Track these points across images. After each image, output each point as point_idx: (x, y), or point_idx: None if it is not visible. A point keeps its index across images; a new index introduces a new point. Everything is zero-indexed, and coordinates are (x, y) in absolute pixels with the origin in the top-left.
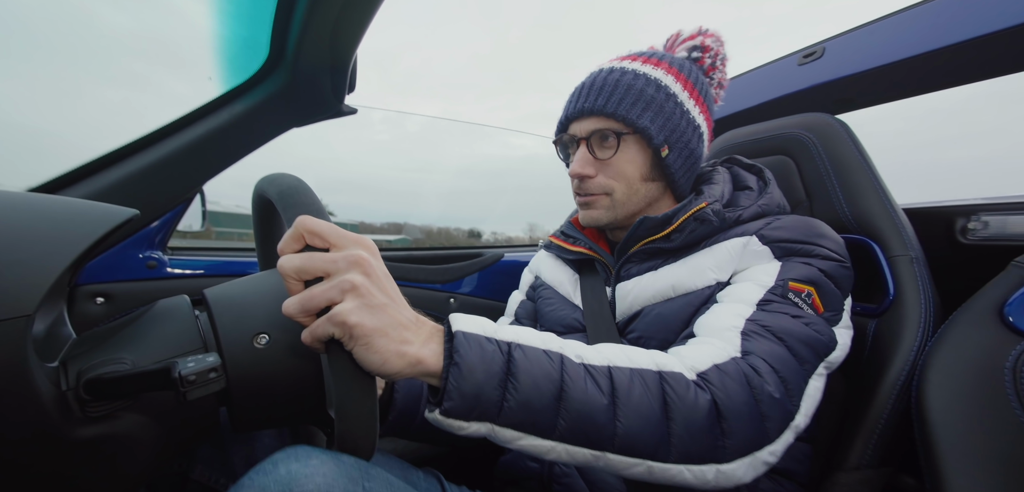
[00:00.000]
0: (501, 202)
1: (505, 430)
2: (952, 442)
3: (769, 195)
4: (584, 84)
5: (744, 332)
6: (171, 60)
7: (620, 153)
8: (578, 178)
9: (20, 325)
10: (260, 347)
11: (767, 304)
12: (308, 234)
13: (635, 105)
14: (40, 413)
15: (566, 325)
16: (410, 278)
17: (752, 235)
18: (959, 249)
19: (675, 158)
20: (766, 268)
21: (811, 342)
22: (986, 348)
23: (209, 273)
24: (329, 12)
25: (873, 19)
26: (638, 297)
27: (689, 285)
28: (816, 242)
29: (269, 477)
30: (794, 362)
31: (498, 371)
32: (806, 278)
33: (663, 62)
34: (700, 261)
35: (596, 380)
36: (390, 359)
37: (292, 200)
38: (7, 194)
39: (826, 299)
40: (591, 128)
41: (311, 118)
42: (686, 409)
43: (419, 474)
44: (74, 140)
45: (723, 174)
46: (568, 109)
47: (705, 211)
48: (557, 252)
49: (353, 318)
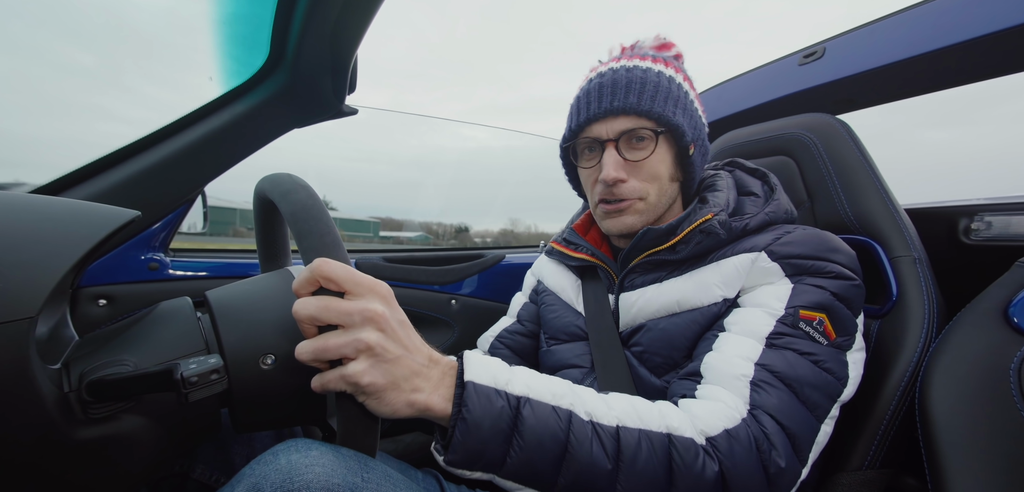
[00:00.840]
0: (458, 194)
1: (506, 481)
2: (956, 444)
3: (776, 202)
4: (603, 84)
5: (754, 382)
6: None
7: (655, 154)
8: (609, 183)
9: (23, 327)
10: (266, 368)
11: (777, 338)
12: (323, 279)
13: (668, 102)
14: (42, 415)
15: (569, 332)
16: (411, 279)
17: (761, 250)
18: (962, 249)
19: (698, 156)
20: (776, 290)
21: (823, 386)
22: (991, 349)
23: (211, 274)
24: (329, 12)
25: (873, 19)
26: (643, 310)
27: (695, 301)
28: (828, 258)
29: (269, 466)
30: (805, 413)
31: (504, 428)
32: (817, 304)
33: (670, 61)
34: (707, 277)
35: (602, 441)
36: (400, 409)
37: (307, 228)
38: (10, 196)
39: (838, 324)
40: (622, 128)
41: (312, 119)
42: (692, 479)
43: (418, 474)
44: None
45: (727, 180)
46: (588, 111)
47: (711, 223)
48: (559, 258)
49: (366, 379)
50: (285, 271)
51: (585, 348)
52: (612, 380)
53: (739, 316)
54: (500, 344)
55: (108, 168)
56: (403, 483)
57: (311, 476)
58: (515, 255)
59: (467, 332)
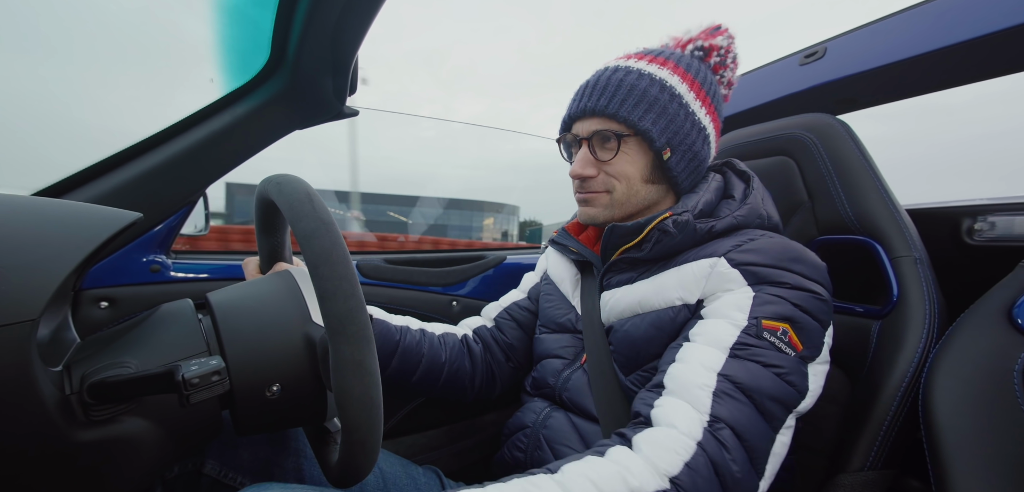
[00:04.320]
0: None
1: (503, 477)
2: (960, 445)
3: (748, 206)
4: (588, 83)
5: (715, 392)
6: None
7: (620, 155)
8: (579, 178)
9: (25, 329)
10: (272, 396)
11: (741, 349)
12: None
13: (637, 106)
14: (44, 417)
15: (558, 323)
16: (412, 281)
17: (721, 256)
18: (965, 250)
19: (677, 161)
20: (737, 298)
21: (781, 397)
22: (995, 351)
23: (213, 276)
24: (330, 14)
25: (874, 19)
26: (613, 309)
27: (654, 303)
28: (788, 268)
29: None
30: (762, 423)
31: None
32: (779, 315)
33: (669, 61)
34: (666, 280)
35: None
36: None
37: (330, 289)
38: (11, 198)
39: (804, 335)
40: (593, 128)
41: (313, 120)
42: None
43: (419, 470)
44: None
45: (711, 181)
46: (571, 108)
47: (666, 222)
48: (561, 249)
49: None
50: (286, 273)
51: (570, 340)
52: (599, 373)
53: (703, 327)
54: (507, 314)
55: (110, 170)
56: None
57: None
58: (516, 256)
59: None
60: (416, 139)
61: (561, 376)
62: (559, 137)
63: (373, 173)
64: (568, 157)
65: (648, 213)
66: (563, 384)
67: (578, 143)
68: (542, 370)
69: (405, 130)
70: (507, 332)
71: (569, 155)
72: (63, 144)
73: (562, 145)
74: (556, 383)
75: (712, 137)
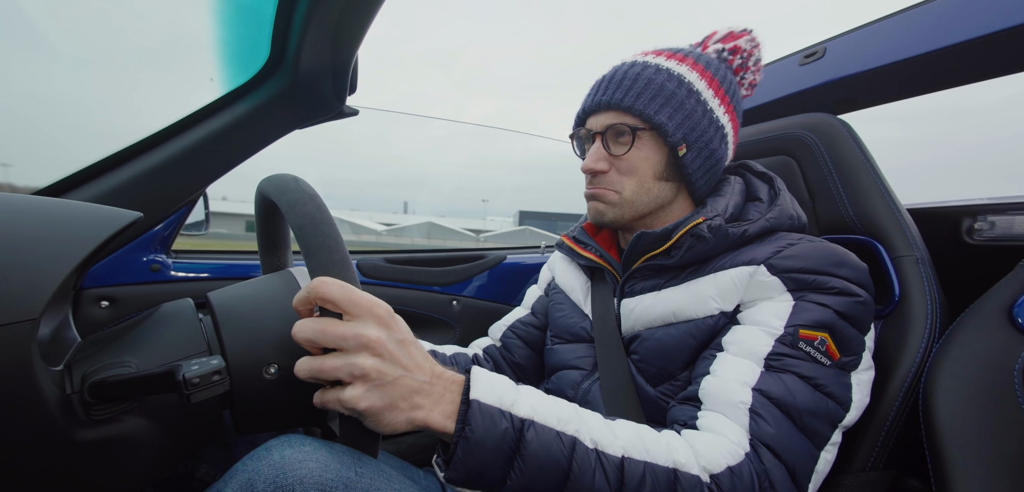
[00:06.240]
0: None
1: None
2: (961, 445)
3: (779, 208)
4: (604, 77)
5: (753, 410)
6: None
7: (634, 149)
8: (590, 173)
9: (25, 329)
10: (270, 378)
11: (776, 360)
12: (320, 300)
13: (653, 100)
14: (45, 416)
15: (573, 333)
16: (412, 280)
17: (761, 263)
18: (966, 250)
19: (693, 158)
20: (775, 307)
21: (823, 413)
22: (995, 350)
23: (213, 276)
24: (330, 13)
25: (874, 19)
26: (640, 318)
27: (690, 313)
28: (832, 272)
29: (262, 462)
30: (804, 442)
31: (507, 450)
32: (818, 322)
33: (688, 58)
34: (703, 288)
35: (606, 471)
36: (399, 426)
37: (315, 244)
38: (12, 198)
39: (842, 343)
40: (607, 123)
41: (313, 120)
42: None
43: (419, 473)
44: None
45: (734, 184)
46: (586, 102)
47: (700, 227)
48: (569, 255)
49: (363, 404)
50: (287, 272)
51: (587, 350)
52: (614, 386)
53: (737, 335)
54: (512, 333)
55: (110, 169)
56: (398, 478)
57: (305, 471)
58: (516, 256)
59: (468, 333)
60: (429, 138)
61: (581, 388)
62: (572, 133)
63: (388, 172)
64: (581, 154)
65: (660, 214)
66: (583, 396)
67: (591, 138)
68: (558, 382)
69: (418, 130)
70: (514, 351)
71: (582, 151)
72: (59, 143)
73: (575, 141)
74: (575, 395)
75: (730, 137)
